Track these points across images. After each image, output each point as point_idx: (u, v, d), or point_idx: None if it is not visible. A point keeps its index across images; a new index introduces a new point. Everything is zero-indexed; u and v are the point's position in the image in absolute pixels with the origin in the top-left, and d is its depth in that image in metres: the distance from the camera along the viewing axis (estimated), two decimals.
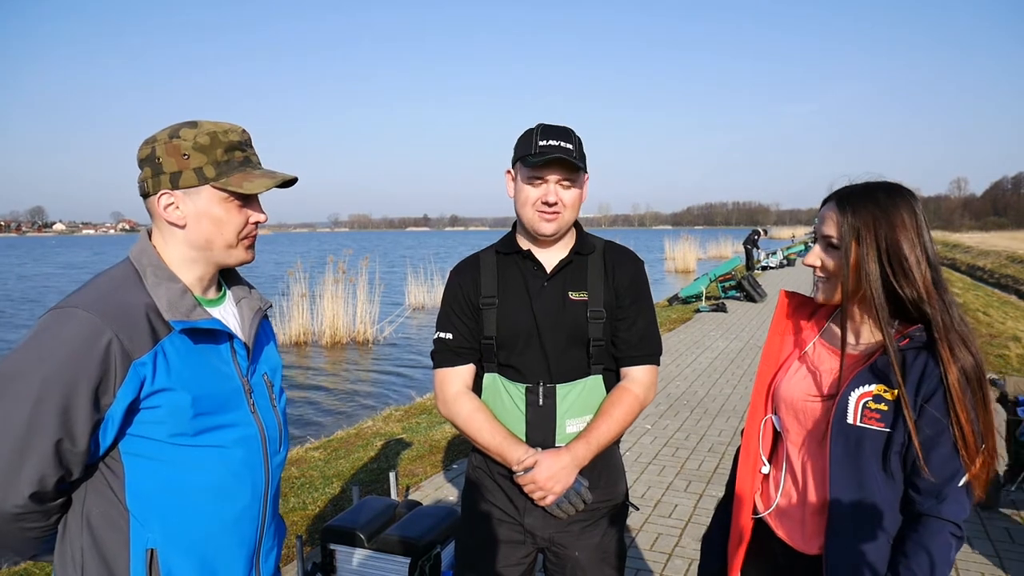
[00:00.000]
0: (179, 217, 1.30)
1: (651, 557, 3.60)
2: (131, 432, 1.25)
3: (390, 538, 2.62)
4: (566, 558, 1.83)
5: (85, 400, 1.16)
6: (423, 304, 17.80)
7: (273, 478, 1.43)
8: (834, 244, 1.45)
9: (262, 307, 1.49)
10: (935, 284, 1.38)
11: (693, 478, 4.72)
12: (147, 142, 1.31)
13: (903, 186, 1.46)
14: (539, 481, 1.73)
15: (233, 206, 1.33)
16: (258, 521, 1.40)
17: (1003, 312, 13.41)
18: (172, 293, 1.28)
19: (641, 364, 1.86)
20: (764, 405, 1.63)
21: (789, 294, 1.68)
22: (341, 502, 4.32)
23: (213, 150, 1.30)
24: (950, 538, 1.34)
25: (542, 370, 1.81)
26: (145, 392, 1.22)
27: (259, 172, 1.35)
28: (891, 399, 1.38)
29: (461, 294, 1.88)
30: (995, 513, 4.06)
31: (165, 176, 1.28)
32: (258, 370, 1.45)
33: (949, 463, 1.33)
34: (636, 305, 1.86)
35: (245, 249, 1.39)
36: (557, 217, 1.77)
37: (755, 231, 24.49)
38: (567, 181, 1.77)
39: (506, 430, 1.81)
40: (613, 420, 1.80)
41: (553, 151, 1.72)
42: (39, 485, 1.17)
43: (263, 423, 1.41)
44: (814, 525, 1.50)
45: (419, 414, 6.65)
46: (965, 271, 28.82)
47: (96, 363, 1.16)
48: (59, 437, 1.16)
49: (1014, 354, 8.41)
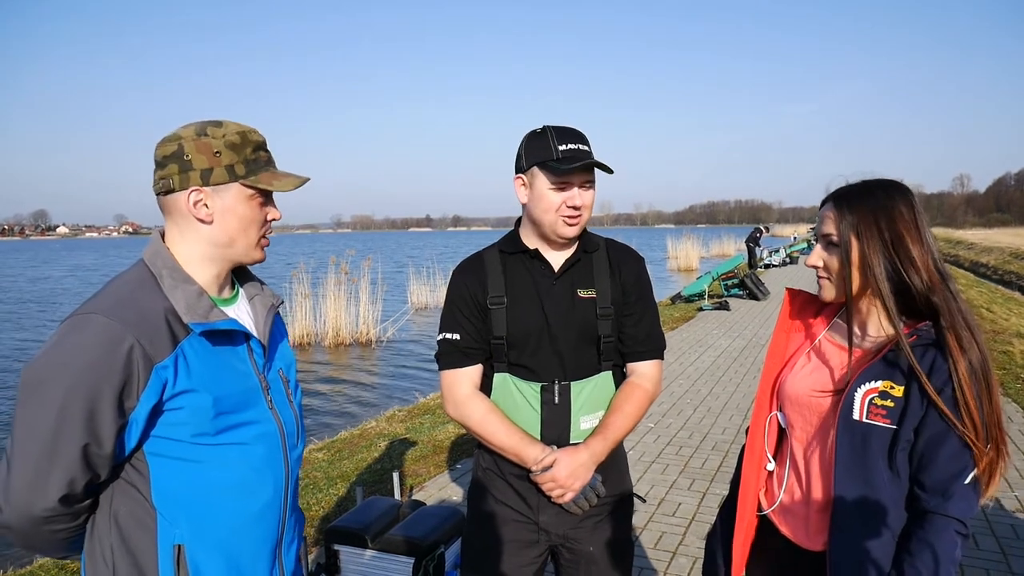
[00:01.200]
0: (207, 214, 1.32)
1: (655, 555, 3.59)
2: (155, 434, 1.26)
3: (394, 538, 2.62)
4: (580, 553, 1.85)
5: (109, 405, 1.18)
6: (426, 304, 17.81)
7: (292, 472, 1.46)
8: (834, 242, 1.46)
9: (275, 303, 1.51)
10: (940, 275, 1.39)
11: (697, 476, 4.72)
12: (170, 139, 1.32)
13: (899, 182, 1.47)
14: (559, 479, 1.74)
15: (256, 204, 1.36)
16: (280, 514, 1.43)
17: (1007, 308, 13.38)
18: (189, 295, 1.30)
19: (648, 359, 1.89)
20: (769, 402, 1.63)
21: (794, 292, 1.68)
22: (345, 503, 4.32)
23: (243, 149, 1.33)
24: (955, 536, 1.33)
25: (556, 368, 1.81)
26: (167, 395, 1.24)
27: (282, 172, 1.39)
28: (898, 395, 1.38)
29: (467, 294, 1.85)
30: (1000, 510, 4.05)
31: (195, 172, 1.30)
32: (274, 366, 1.47)
33: (956, 459, 1.33)
34: (641, 302, 1.88)
35: (261, 249, 1.42)
36: (580, 220, 1.79)
37: (757, 229, 24.51)
38: (588, 183, 1.78)
39: (522, 430, 1.81)
40: (626, 415, 1.82)
41: (579, 156, 1.72)
42: (68, 488, 1.20)
43: (281, 419, 1.43)
44: (818, 522, 1.50)
45: (423, 414, 6.65)
46: (968, 268, 28.76)
47: (119, 369, 1.18)
48: (86, 442, 1.18)
49: (1018, 350, 8.39)
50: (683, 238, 33.04)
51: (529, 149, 1.79)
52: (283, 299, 1.60)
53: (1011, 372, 7.38)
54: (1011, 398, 6.45)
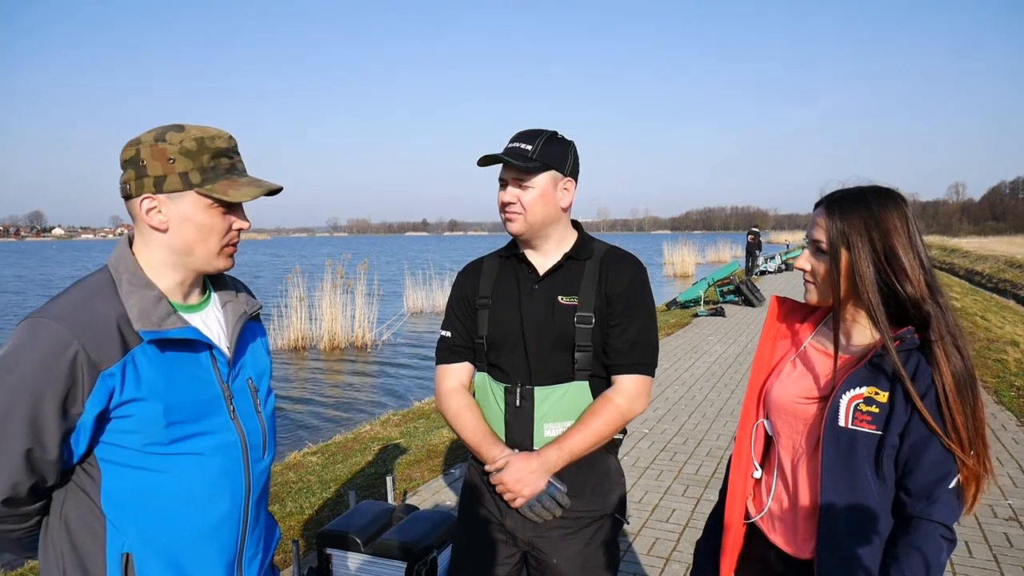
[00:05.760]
0: (161, 221, 1.29)
1: (648, 562, 3.59)
2: (104, 440, 1.24)
3: (386, 542, 2.62)
4: (545, 563, 1.82)
5: (53, 410, 1.17)
6: (421, 309, 17.79)
7: (255, 485, 1.41)
8: (822, 249, 1.46)
9: (248, 311, 1.47)
10: (929, 286, 1.39)
11: (691, 482, 4.72)
12: (131, 144, 1.29)
13: (893, 190, 1.47)
14: (507, 482, 1.74)
15: (217, 213, 1.31)
16: (238, 528, 1.38)
17: (1001, 317, 13.42)
18: (145, 301, 1.26)
19: (629, 373, 1.81)
20: (756, 409, 1.63)
21: (780, 299, 1.69)
22: (338, 506, 4.31)
23: (200, 156, 1.28)
24: (941, 541, 1.33)
25: (523, 371, 1.83)
26: (115, 402, 1.21)
27: (245, 180, 1.32)
28: (882, 401, 1.38)
29: (461, 295, 1.95)
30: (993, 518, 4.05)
31: (149, 179, 1.27)
32: (241, 375, 1.43)
33: (941, 464, 1.33)
34: (629, 312, 1.82)
35: (226, 257, 1.36)
36: (517, 217, 1.80)
37: (752, 232, 24.14)
38: (519, 181, 1.79)
39: (488, 429, 1.84)
40: (589, 429, 1.76)
41: (506, 154, 1.77)
42: (12, 491, 1.19)
43: (244, 429, 1.39)
44: (806, 529, 1.50)
45: (417, 419, 6.64)
46: (963, 276, 28.84)
47: (63, 374, 1.17)
48: (29, 446, 1.17)
49: (1012, 358, 8.41)
50: (679, 244, 33.12)
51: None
52: (261, 305, 1.55)
53: (1005, 380, 7.41)
54: (1005, 406, 6.47)
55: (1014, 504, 4.24)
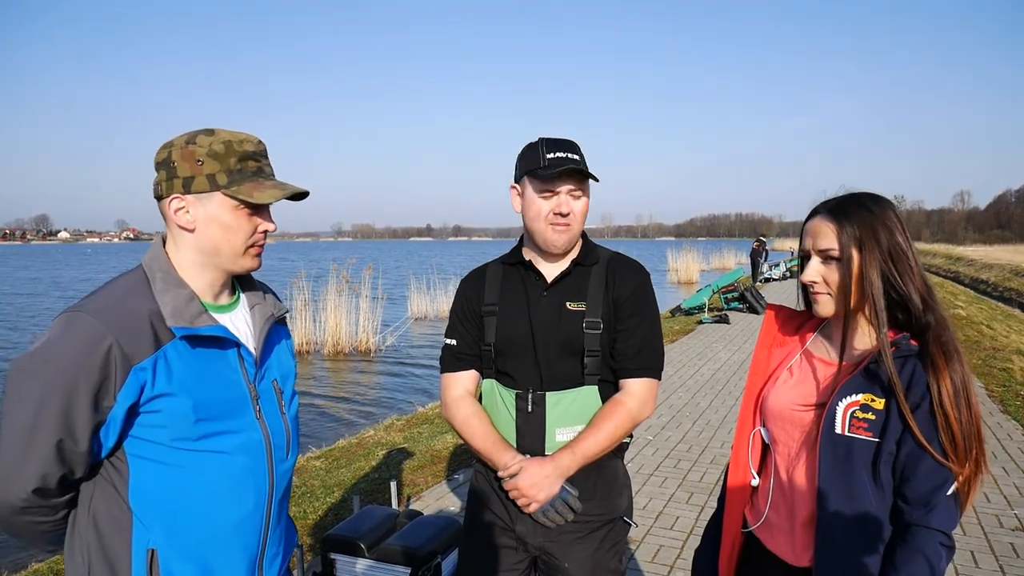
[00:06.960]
0: (188, 221, 1.34)
1: (652, 570, 3.59)
2: (133, 434, 1.28)
3: (390, 548, 2.62)
4: (556, 568, 1.83)
5: (85, 402, 1.20)
6: (426, 314, 17.81)
7: (279, 485, 1.45)
8: (834, 256, 1.43)
9: (275, 313, 1.51)
10: (926, 285, 1.40)
11: (695, 490, 4.71)
12: (164, 146, 1.35)
13: (881, 195, 1.48)
14: (521, 488, 1.75)
15: (243, 214, 1.35)
16: (261, 527, 1.41)
17: (1007, 326, 13.37)
18: (178, 299, 1.30)
19: (637, 377, 1.84)
20: (753, 417, 1.64)
21: (776, 308, 1.69)
22: (342, 511, 4.32)
23: (227, 158, 1.32)
24: (940, 548, 1.33)
25: (534, 377, 1.84)
26: (146, 396, 1.25)
27: (271, 183, 1.37)
28: (879, 408, 1.38)
29: (466, 302, 1.95)
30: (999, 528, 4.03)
31: (178, 180, 1.32)
32: (267, 376, 1.46)
33: (937, 472, 1.33)
34: (636, 317, 1.85)
35: (252, 257, 1.41)
36: (568, 228, 1.81)
37: (759, 240, 24.11)
38: (577, 191, 1.81)
39: (498, 435, 1.84)
40: (601, 432, 1.78)
41: (564, 163, 1.76)
42: (42, 481, 1.22)
43: (269, 430, 1.42)
44: (804, 538, 1.50)
45: (421, 424, 6.65)
46: (968, 284, 28.74)
47: (96, 366, 1.20)
48: (60, 437, 1.20)
49: (1017, 367, 8.37)
50: (683, 251, 33.06)
51: (521, 159, 1.85)
52: (287, 309, 1.60)
53: (1011, 389, 7.37)
54: (1011, 415, 6.45)
55: (1020, 514, 4.22)
